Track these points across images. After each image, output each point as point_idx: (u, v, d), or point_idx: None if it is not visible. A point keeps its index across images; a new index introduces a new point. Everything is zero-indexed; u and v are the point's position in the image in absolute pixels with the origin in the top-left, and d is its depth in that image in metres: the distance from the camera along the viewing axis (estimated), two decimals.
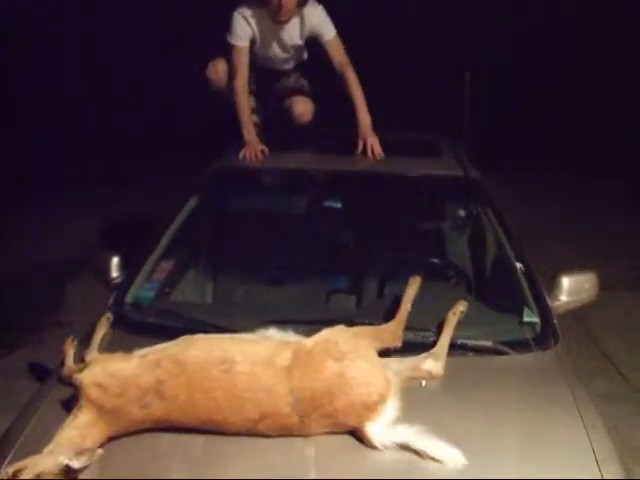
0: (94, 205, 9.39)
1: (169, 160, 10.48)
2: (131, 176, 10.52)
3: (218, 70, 4.67)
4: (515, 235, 3.71)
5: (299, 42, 4.61)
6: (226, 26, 4.45)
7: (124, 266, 3.59)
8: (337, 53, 4.50)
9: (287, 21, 4.43)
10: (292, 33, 4.53)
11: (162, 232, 3.74)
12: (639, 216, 9.48)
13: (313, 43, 4.60)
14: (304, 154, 4.47)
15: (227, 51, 4.53)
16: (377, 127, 4.44)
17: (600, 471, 2.32)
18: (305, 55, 4.89)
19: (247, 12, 4.40)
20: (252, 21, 4.42)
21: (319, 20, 4.47)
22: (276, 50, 4.64)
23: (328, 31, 4.48)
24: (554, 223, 9.09)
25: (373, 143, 4.33)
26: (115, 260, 3.59)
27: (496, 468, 2.31)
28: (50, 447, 2.27)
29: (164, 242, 3.69)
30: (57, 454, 2.21)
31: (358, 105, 4.46)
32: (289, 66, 4.85)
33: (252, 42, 4.50)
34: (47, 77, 11.95)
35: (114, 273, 3.58)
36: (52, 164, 10.61)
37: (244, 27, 4.42)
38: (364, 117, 4.44)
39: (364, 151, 4.34)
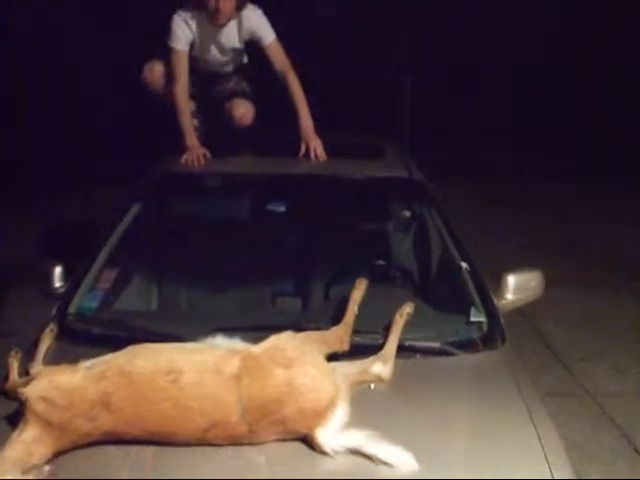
0: (39, 211, 9.30)
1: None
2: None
3: (154, 72, 4.62)
4: (460, 235, 3.74)
5: (237, 45, 4.58)
6: (164, 29, 4.41)
7: (67, 275, 3.54)
8: (277, 57, 4.50)
9: (225, 24, 4.40)
10: (230, 36, 4.51)
11: (105, 239, 3.68)
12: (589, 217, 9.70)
13: (254, 46, 4.57)
14: (246, 157, 4.44)
15: (165, 54, 4.49)
16: (320, 130, 4.43)
17: (551, 471, 2.33)
18: (245, 58, 4.87)
19: (186, 15, 4.37)
20: (192, 24, 4.39)
21: (257, 23, 4.46)
22: (215, 53, 4.61)
23: (267, 35, 4.48)
24: (498, 224, 9.23)
25: (316, 145, 4.32)
26: (58, 269, 3.53)
27: (446, 470, 2.31)
28: None
29: (107, 250, 3.63)
30: (3, 472, 2.17)
31: (300, 108, 4.45)
32: (228, 69, 4.82)
33: (191, 45, 4.46)
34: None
35: (57, 283, 3.51)
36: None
37: (184, 30, 4.39)
38: (306, 120, 4.43)
39: (307, 154, 4.32)
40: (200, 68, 4.66)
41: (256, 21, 4.45)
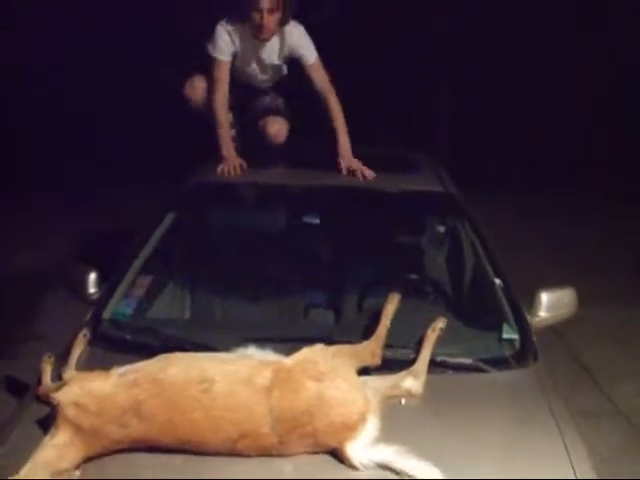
0: (76, 216, 9.36)
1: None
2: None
3: (195, 88, 4.60)
4: (494, 250, 3.72)
5: (277, 62, 4.55)
6: (208, 38, 4.42)
7: (101, 281, 3.56)
8: (318, 78, 4.43)
9: (268, 39, 4.37)
10: (271, 52, 4.48)
11: (140, 247, 3.71)
12: (615, 231, 9.58)
13: (294, 63, 4.55)
14: (282, 169, 4.44)
15: (207, 63, 4.48)
16: (354, 143, 4.40)
17: None
18: (284, 70, 4.80)
19: (230, 27, 4.35)
20: (235, 36, 4.36)
21: (299, 41, 4.40)
22: (254, 67, 4.59)
23: (309, 54, 4.42)
24: (526, 239, 9.15)
25: (357, 168, 4.23)
26: (92, 276, 3.55)
27: None
28: (27, 467, 2.24)
29: (142, 257, 3.66)
30: (34, 475, 2.19)
31: (339, 132, 4.39)
32: (267, 84, 4.81)
33: (233, 57, 4.45)
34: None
35: (91, 289, 3.54)
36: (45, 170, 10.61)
37: (227, 41, 4.37)
38: (344, 144, 4.36)
39: (352, 176, 4.25)
40: (239, 80, 4.62)
41: (298, 38, 4.40)
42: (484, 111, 12.08)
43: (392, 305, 3.01)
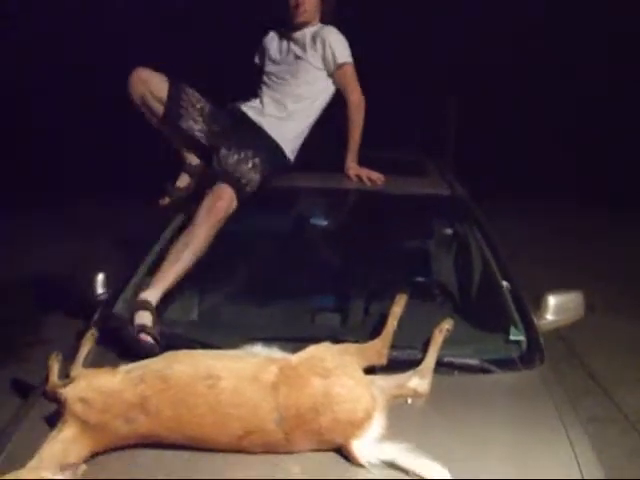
0: (81, 220, 9.40)
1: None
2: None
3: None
4: (502, 253, 3.72)
5: (300, 53, 4.11)
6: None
7: (109, 283, 3.58)
8: (349, 83, 4.11)
9: (303, 23, 4.11)
10: (300, 40, 4.13)
11: (148, 248, 3.73)
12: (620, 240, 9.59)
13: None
14: (289, 171, 4.44)
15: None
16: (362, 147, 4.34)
17: None
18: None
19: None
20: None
21: (336, 40, 4.08)
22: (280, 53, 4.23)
23: (343, 55, 4.08)
24: (537, 245, 9.15)
25: (364, 175, 4.12)
26: (100, 276, 3.58)
27: None
28: (33, 462, 2.25)
29: (150, 258, 3.66)
30: (40, 469, 2.20)
31: (351, 144, 4.19)
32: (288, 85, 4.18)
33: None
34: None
35: (99, 289, 3.56)
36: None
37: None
38: (352, 158, 4.20)
39: (361, 182, 4.14)
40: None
41: (335, 38, 4.08)
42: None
43: (399, 306, 3.01)
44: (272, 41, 4.28)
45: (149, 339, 3.02)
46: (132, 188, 10.17)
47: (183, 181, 4.04)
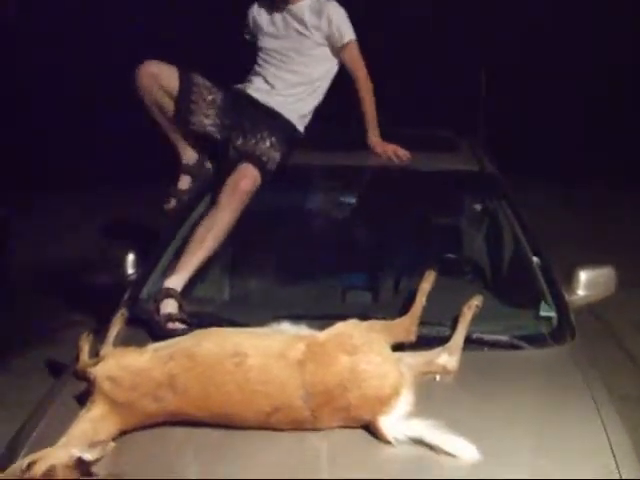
0: (109, 205, 9.44)
1: None
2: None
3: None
4: (531, 229, 3.69)
5: (298, 26, 3.96)
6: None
7: (139, 263, 3.60)
8: (354, 61, 4.04)
9: None
10: (298, 12, 3.97)
11: (178, 228, 3.73)
12: None
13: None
14: (317, 149, 4.40)
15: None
16: (391, 124, 4.29)
17: (619, 471, 2.28)
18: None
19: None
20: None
21: (339, 17, 3.91)
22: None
23: (347, 32, 3.96)
24: (569, 221, 9.08)
25: (391, 151, 4.06)
26: (131, 257, 3.61)
27: (511, 465, 2.29)
28: (63, 440, 2.28)
29: (180, 238, 3.67)
30: (70, 447, 2.22)
31: (368, 122, 4.12)
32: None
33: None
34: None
35: (129, 269, 3.59)
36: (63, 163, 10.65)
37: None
38: (373, 136, 4.13)
39: (387, 159, 4.08)
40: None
41: (339, 15, 3.94)
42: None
43: (428, 282, 3.00)
44: (261, 13, 4.11)
45: (177, 325, 3.03)
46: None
47: (184, 182, 3.99)
